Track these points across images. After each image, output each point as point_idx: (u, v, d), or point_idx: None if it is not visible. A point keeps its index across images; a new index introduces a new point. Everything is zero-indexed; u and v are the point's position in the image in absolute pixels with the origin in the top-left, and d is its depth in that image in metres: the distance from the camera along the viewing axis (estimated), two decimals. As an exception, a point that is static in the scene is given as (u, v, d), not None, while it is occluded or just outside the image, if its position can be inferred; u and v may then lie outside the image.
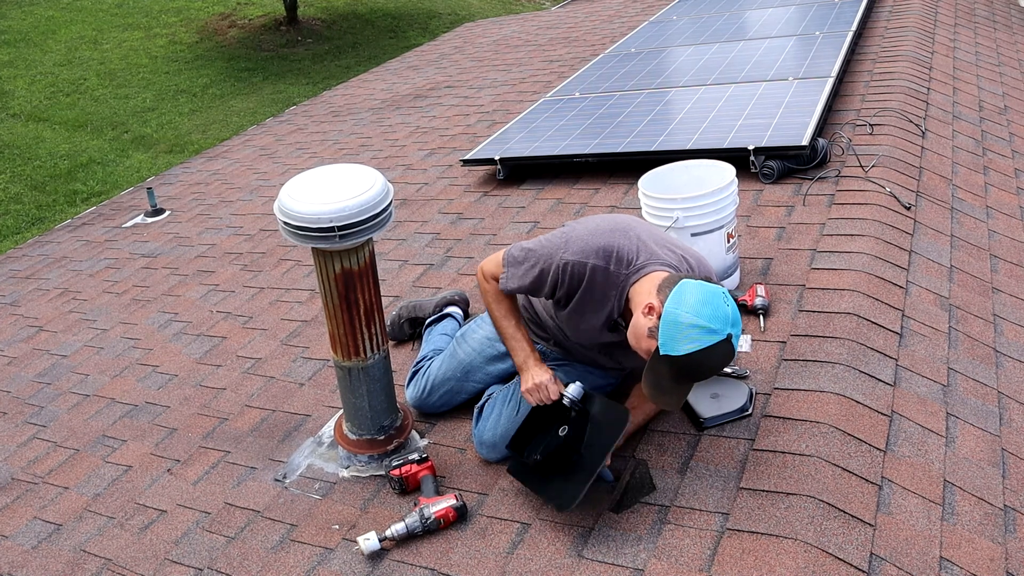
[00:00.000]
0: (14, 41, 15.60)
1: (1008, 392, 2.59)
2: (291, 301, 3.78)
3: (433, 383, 2.66)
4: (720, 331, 2.02)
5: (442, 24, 16.01)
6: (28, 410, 3.43)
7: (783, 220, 3.46)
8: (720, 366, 2.05)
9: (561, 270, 2.27)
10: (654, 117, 4.56)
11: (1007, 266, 3.29)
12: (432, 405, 2.68)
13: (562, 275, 2.27)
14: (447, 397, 2.67)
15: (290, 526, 2.40)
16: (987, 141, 4.35)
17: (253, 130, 7.31)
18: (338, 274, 2.33)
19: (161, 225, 5.29)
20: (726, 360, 2.05)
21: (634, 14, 8.31)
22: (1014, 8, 7.32)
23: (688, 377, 2.06)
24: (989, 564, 1.98)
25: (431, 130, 5.87)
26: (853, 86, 4.86)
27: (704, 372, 2.05)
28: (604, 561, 2.04)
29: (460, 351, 2.67)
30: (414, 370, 2.77)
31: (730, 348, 2.04)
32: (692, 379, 2.07)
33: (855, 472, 2.15)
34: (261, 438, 2.84)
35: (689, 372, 2.05)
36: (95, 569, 2.43)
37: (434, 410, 2.70)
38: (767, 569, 1.89)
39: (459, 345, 2.69)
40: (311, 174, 2.34)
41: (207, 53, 15.16)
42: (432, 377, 2.67)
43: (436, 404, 2.68)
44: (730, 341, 2.03)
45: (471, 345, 2.66)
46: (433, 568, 2.14)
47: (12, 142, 11.98)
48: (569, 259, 2.25)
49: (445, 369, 2.66)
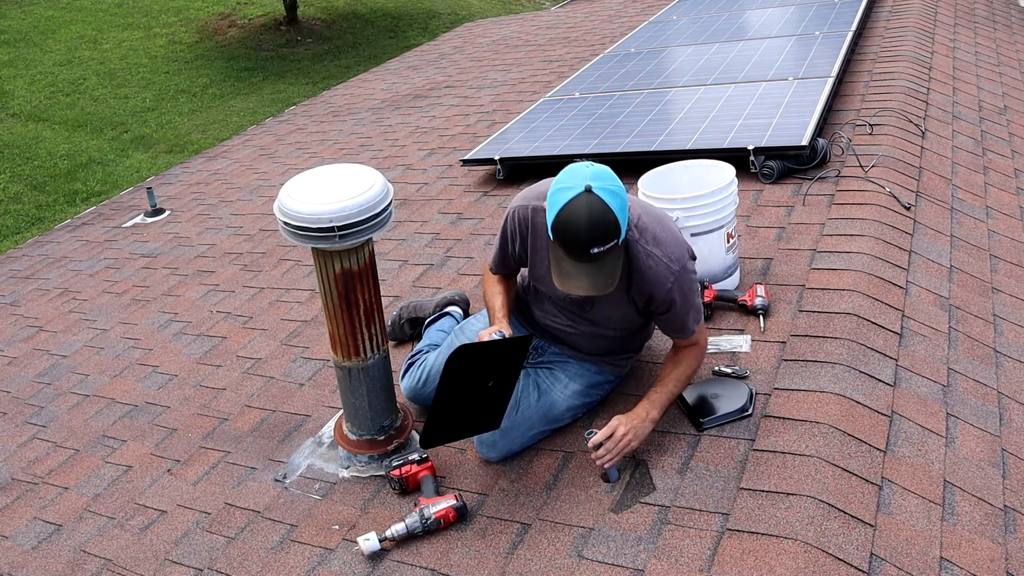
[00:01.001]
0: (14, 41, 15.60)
1: (1008, 392, 2.59)
2: (291, 301, 3.78)
3: (430, 373, 2.67)
4: (576, 185, 2.06)
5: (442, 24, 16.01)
6: (28, 410, 3.43)
7: (783, 220, 3.46)
8: (587, 220, 2.03)
9: (511, 220, 2.44)
10: (654, 117, 4.56)
11: (1007, 266, 3.29)
12: (427, 396, 2.69)
13: (511, 224, 2.44)
14: None
15: (290, 526, 2.40)
16: (987, 141, 4.35)
17: (253, 130, 7.31)
18: (338, 274, 2.33)
19: (161, 225, 5.29)
20: (592, 211, 2.03)
21: (634, 14, 8.31)
22: (1014, 8, 7.32)
23: (571, 244, 2.06)
24: (989, 564, 1.98)
25: (431, 130, 5.87)
26: (853, 86, 4.86)
27: (577, 227, 2.04)
28: (604, 561, 2.04)
29: (457, 342, 2.68)
30: (410, 361, 2.78)
31: (594, 198, 2.04)
32: (574, 245, 2.06)
33: (855, 472, 2.15)
34: (261, 438, 2.84)
35: (566, 237, 2.07)
36: (95, 569, 2.43)
37: (428, 401, 2.70)
38: (767, 569, 1.89)
39: (457, 337, 2.70)
40: (311, 174, 2.34)
41: (207, 53, 15.16)
42: (429, 367, 2.68)
43: (431, 395, 2.69)
44: (591, 192, 2.04)
45: (468, 337, 2.67)
46: (433, 568, 2.14)
47: (12, 142, 11.98)
48: (515, 206, 2.44)
49: (442, 360, 2.67)
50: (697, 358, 2.42)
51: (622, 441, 2.21)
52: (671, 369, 2.38)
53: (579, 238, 2.06)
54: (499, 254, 2.56)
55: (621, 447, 2.21)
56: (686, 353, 2.41)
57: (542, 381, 2.52)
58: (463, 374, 2.16)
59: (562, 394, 2.50)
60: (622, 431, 2.22)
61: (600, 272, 2.12)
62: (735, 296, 2.91)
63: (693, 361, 2.41)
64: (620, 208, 2.08)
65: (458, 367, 2.13)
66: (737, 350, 2.69)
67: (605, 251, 2.08)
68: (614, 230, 2.07)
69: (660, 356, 2.75)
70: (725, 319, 2.86)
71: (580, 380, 2.53)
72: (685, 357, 2.40)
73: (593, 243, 2.06)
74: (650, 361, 2.74)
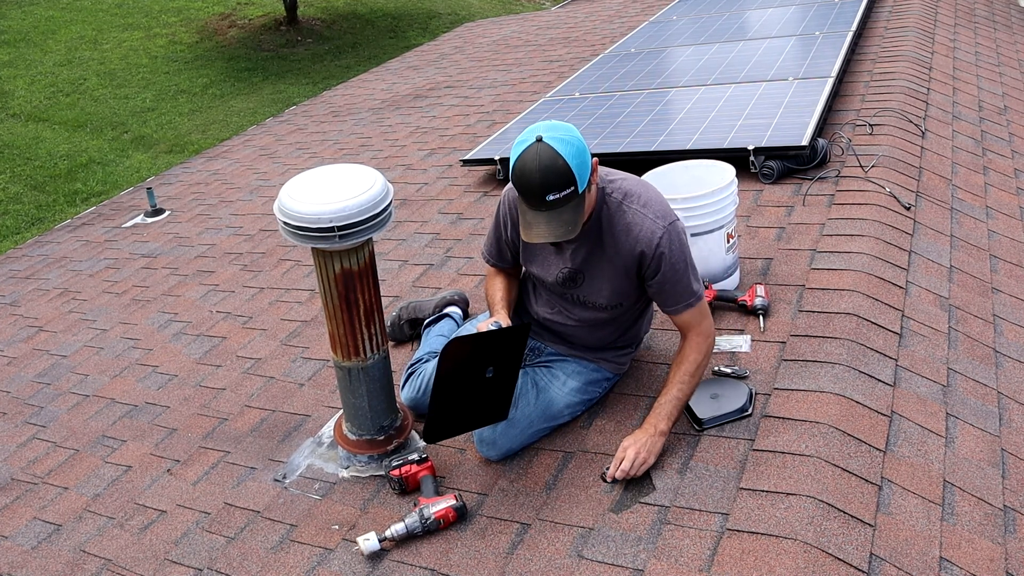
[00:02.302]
0: (14, 41, 15.60)
1: (1008, 392, 2.59)
2: (291, 301, 3.78)
3: (429, 382, 2.66)
4: (527, 139, 2.17)
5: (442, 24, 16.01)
6: (28, 410, 3.43)
7: (783, 220, 3.46)
8: (537, 167, 2.13)
9: (503, 203, 2.52)
10: (654, 117, 4.56)
11: (1007, 266, 3.29)
12: (427, 405, 2.68)
13: (504, 207, 2.51)
14: None
15: (290, 526, 2.40)
16: (987, 141, 4.35)
17: (253, 130, 7.31)
18: (338, 274, 2.33)
19: (161, 225, 5.29)
20: (542, 158, 2.13)
21: (634, 14, 8.31)
22: (1014, 8, 7.32)
23: (527, 192, 2.17)
24: (989, 564, 1.98)
25: (431, 130, 5.87)
26: (853, 86, 4.86)
27: (529, 174, 2.15)
28: (604, 561, 2.04)
29: None
30: (409, 371, 2.77)
31: (543, 147, 2.13)
32: (530, 193, 2.16)
33: (855, 472, 2.15)
34: (261, 438, 2.84)
35: (521, 186, 2.18)
36: (95, 569, 2.43)
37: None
38: (767, 569, 1.89)
39: None
40: (311, 174, 2.35)
41: (207, 53, 15.16)
42: (428, 376, 2.67)
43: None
44: (541, 140, 2.15)
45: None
46: (433, 568, 2.14)
47: (12, 142, 11.98)
48: (506, 189, 2.51)
49: None
50: (701, 349, 2.34)
51: (637, 460, 2.22)
52: (675, 371, 2.34)
53: (533, 186, 2.16)
54: (492, 240, 2.61)
55: (638, 467, 2.23)
56: (687, 347, 2.35)
57: (540, 379, 2.52)
58: (460, 366, 2.17)
59: (560, 391, 2.50)
60: (633, 453, 2.23)
61: (559, 219, 2.19)
62: (735, 296, 2.91)
63: (698, 355, 2.34)
64: (573, 154, 2.15)
65: (453, 358, 2.15)
66: (737, 350, 2.69)
67: (562, 198, 2.17)
68: (566, 175, 2.15)
69: (660, 356, 2.75)
70: (725, 319, 2.86)
71: (578, 378, 2.53)
72: (689, 351, 2.34)
73: (547, 189, 2.15)
74: (649, 361, 2.74)
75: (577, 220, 2.20)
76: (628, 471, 2.22)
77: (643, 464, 2.23)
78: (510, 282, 2.65)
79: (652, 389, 2.61)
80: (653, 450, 2.25)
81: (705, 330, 2.37)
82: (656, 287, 2.35)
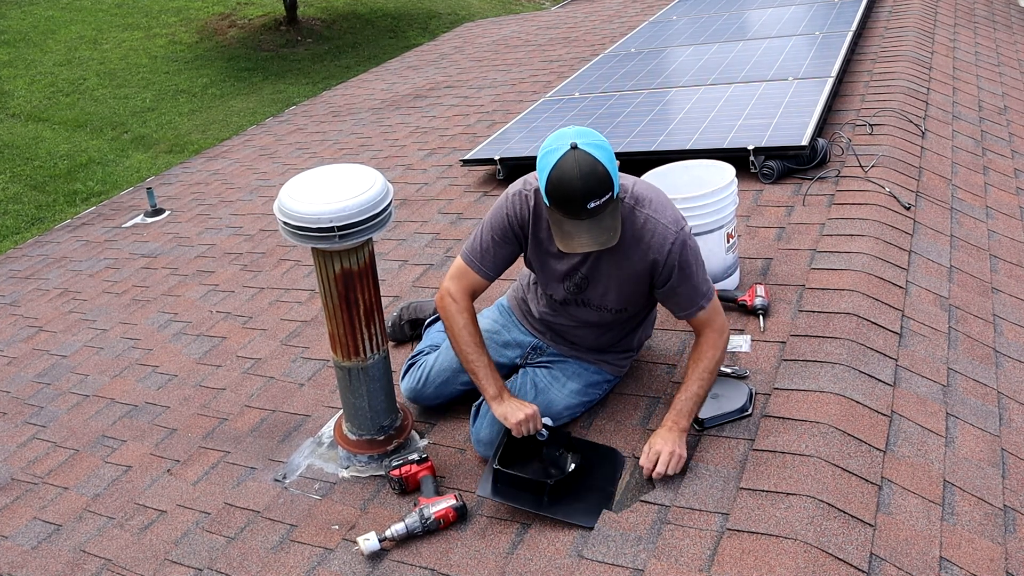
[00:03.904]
0: (14, 41, 15.60)
1: (1008, 392, 2.59)
2: (291, 301, 3.78)
3: (429, 375, 2.67)
4: (561, 146, 2.11)
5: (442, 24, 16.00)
6: (28, 410, 3.42)
7: (783, 220, 3.46)
8: (578, 175, 2.08)
9: (510, 201, 2.38)
10: (654, 117, 4.56)
11: (1007, 266, 3.29)
12: (427, 397, 2.69)
13: (510, 204, 2.37)
14: (441, 389, 2.68)
15: (290, 526, 2.40)
16: (987, 141, 4.35)
17: (253, 130, 7.31)
18: (338, 274, 2.33)
19: (161, 225, 5.29)
20: (582, 166, 2.08)
21: (634, 14, 8.31)
22: (1014, 8, 7.32)
23: (567, 202, 2.11)
24: (989, 564, 1.98)
25: (431, 130, 5.87)
26: (853, 86, 4.86)
27: (570, 184, 2.09)
28: (604, 561, 2.04)
29: None
30: (410, 362, 2.77)
31: (581, 153, 2.09)
32: (571, 203, 2.10)
33: (855, 472, 2.15)
34: (261, 438, 2.84)
35: (561, 196, 2.11)
36: (95, 569, 2.43)
37: (428, 402, 2.71)
38: (767, 569, 1.89)
39: None
40: (311, 174, 2.34)
41: (207, 53, 15.16)
42: (428, 368, 2.67)
43: (430, 396, 2.69)
44: (577, 148, 2.10)
45: None
46: (433, 568, 2.14)
47: (12, 142, 11.98)
48: (515, 190, 2.38)
49: (441, 361, 2.67)
50: (718, 345, 2.34)
51: (672, 459, 2.21)
52: (692, 368, 2.34)
53: (574, 195, 2.10)
54: (491, 245, 2.41)
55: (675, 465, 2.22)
56: (703, 344, 2.34)
57: (540, 380, 2.52)
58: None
59: (560, 393, 2.50)
60: (667, 453, 2.21)
61: (600, 226, 2.15)
62: (735, 296, 2.91)
63: (715, 351, 2.33)
64: (608, 160, 2.13)
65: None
66: (737, 350, 2.69)
67: (602, 204, 2.12)
68: (607, 181, 2.11)
69: (660, 356, 2.76)
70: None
71: (578, 379, 2.53)
72: (706, 348, 2.33)
73: (589, 197, 2.10)
74: (650, 361, 2.74)
75: (617, 225, 2.17)
76: (662, 472, 2.21)
77: (679, 461, 2.22)
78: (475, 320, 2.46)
79: (652, 389, 2.61)
80: (684, 447, 2.25)
81: (720, 326, 2.36)
82: (667, 293, 2.35)
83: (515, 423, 2.30)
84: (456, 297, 2.43)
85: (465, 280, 2.44)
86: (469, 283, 2.44)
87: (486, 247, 2.42)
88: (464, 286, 2.44)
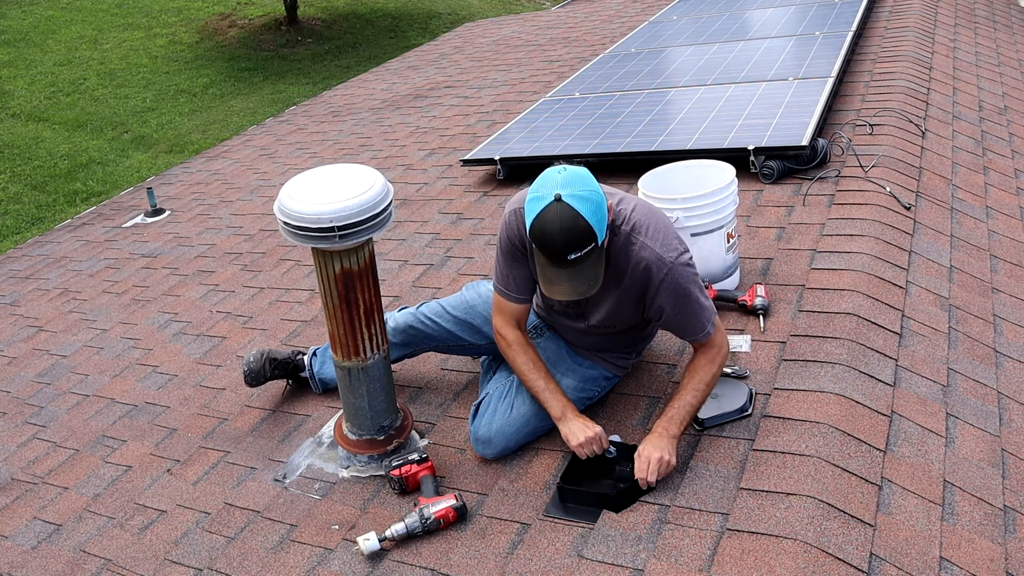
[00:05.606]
0: (14, 41, 15.60)
1: (1008, 392, 2.59)
2: (291, 301, 3.78)
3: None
4: (546, 195, 2.10)
5: (442, 24, 16.00)
6: (28, 410, 3.43)
7: (783, 220, 3.46)
8: (559, 229, 2.07)
9: (507, 224, 2.38)
10: (654, 117, 4.56)
11: (1007, 266, 3.29)
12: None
13: (510, 230, 2.38)
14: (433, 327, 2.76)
15: (290, 526, 2.40)
16: (987, 141, 4.35)
17: (253, 130, 7.31)
18: (338, 274, 2.33)
19: (161, 225, 5.29)
20: (563, 219, 2.07)
21: (634, 14, 8.31)
22: (1014, 8, 7.32)
23: (548, 249, 2.11)
24: (989, 564, 1.98)
25: (431, 130, 5.87)
26: (853, 86, 4.86)
27: (551, 236, 2.09)
28: (604, 561, 2.04)
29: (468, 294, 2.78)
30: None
31: (564, 207, 2.07)
32: (552, 251, 2.10)
33: (855, 472, 2.15)
34: (261, 438, 2.84)
35: (542, 246, 2.12)
36: (95, 569, 2.43)
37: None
38: (767, 569, 1.89)
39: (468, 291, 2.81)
40: (311, 174, 2.34)
41: (207, 53, 15.16)
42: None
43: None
44: (560, 200, 2.08)
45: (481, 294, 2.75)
46: (433, 568, 2.14)
47: (12, 142, 11.98)
48: (511, 209, 2.39)
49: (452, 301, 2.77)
50: (714, 361, 2.34)
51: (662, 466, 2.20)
52: (689, 378, 2.34)
53: (554, 247, 2.10)
54: (506, 269, 2.43)
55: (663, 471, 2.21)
56: (700, 359, 2.34)
57: None
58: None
59: None
60: (656, 460, 2.20)
61: (581, 276, 2.15)
62: (735, 296, 2.91)
63: (712, 366, 2.34)
64: (592, 211, 2.10)
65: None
66: (737, 350, 2.69)
67: (582, 255, 2.12)
68: (588, 234, 2.10)
69: (660, 356, 2.76)
70: (725, 319, 2.86)
71: (575, 375, 2.52)
72: (700, 364, 2.34)
73: (569, 250, 2.10)
74: (650, 361, 2.74)
75: (599, 274, 2.17)
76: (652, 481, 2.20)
77: (667, 467, 2.22)
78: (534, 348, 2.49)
79: (652, 389, 2.61)
80: (673, 453, 2.24)
81: (719, 343, 2.37)
82: (665, 323, 2.36)
83: (576, 446, 2.29)
84: (503, 332, 2.48)
85: (505, 312, 2.48)
86: (510, 313, 2.48)
87: (504, 273, 2.45)
88: (506, 319, 2.48)
